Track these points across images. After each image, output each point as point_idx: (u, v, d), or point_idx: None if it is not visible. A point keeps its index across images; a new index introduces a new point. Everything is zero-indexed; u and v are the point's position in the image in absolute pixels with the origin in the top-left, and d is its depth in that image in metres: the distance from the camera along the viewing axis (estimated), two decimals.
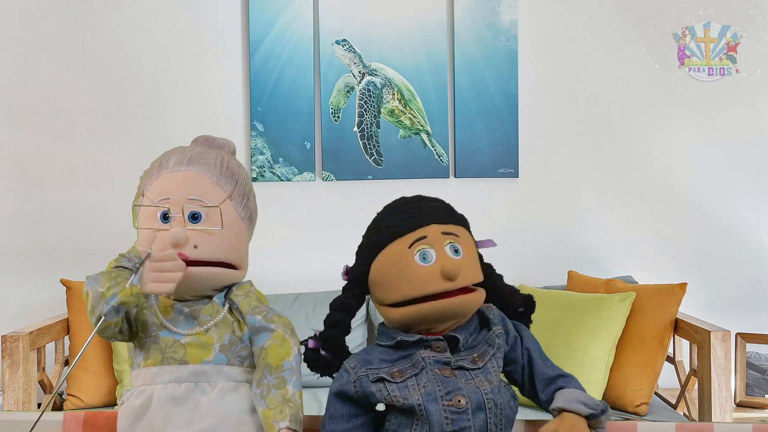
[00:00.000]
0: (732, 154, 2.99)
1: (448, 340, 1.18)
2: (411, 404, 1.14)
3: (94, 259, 2.85)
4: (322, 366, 1.29)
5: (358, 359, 1.23)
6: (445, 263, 1.16)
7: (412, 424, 1.15)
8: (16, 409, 2.20)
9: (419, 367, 1.17)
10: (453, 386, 1.14)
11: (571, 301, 2.44)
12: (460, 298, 1.16)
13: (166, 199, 1.21)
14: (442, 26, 2.94)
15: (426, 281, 1.15)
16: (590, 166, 3.00)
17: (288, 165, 2.93)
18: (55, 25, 2.91)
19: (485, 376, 1.17)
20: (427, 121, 2.94)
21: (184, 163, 1.24)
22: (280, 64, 2.92)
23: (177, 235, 1.17)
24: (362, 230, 1.29)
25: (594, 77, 2.99)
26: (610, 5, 2.98)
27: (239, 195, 1.27)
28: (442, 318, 1.17)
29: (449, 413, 1.13)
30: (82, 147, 2.92)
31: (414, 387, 1.15)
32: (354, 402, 1.20)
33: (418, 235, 1.19)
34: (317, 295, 2.77)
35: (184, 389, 1.20)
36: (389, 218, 1.25)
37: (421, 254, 1.17)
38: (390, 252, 1.20)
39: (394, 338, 1.20)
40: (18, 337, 2.24)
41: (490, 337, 1.21)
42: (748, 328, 2.83)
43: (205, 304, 1.24)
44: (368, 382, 1.18)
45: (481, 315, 1.24)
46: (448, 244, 1.19)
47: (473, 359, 1.18)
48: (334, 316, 1.28)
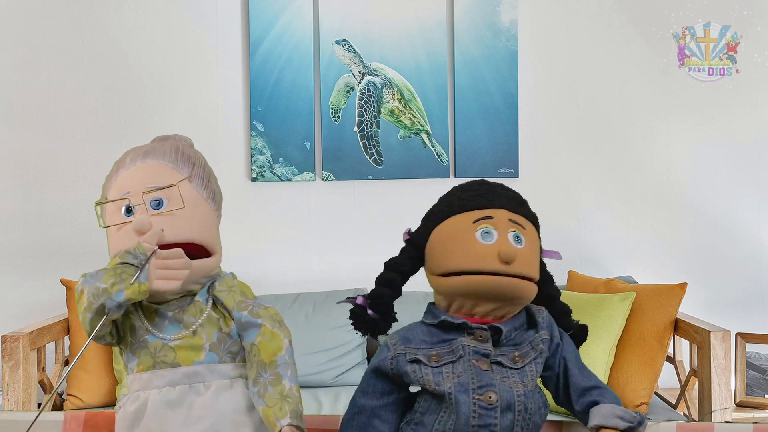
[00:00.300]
0: (732, 154, 2.99)
1: (492, 330, 1.17)
2: (442, 391, 1.13)
3: (94, 259, 2.84)
4: (368, 325, 1.26)
5: (400, 336, 1.22)
6: (504, 246, 1.14)
7: (440, 410, 1.15)
8: (16, 409, 2.20)
9: (457, 355, 1.16)
10: (487, 381, 1.14)
11: (571, 301, 2.40)
12: (511, 280, 1.14)
13: (126, 193, 1.21)
14: (442, 26, 2.94)
15: (481, 258, 1.14)
16: (590, 166, 3.00)
17: (288, 165, 2.93)
18: (55, 25, 2.91)
19: (521, 377, 1.16)
20: (427, 121, 2.94)
21: (139, 158, 1.25)
22: (280, 64, 2.92)
23: (140, 223, 1.16)
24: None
25: (594, 77, 2.99)
26: (610, 5, 2.98)
27: (198, 176, 1.26)
28: (488, 295, 1.15)
29: (477, 407, 1.12)
30: (82, 147, 2.92)
31: (448, 374, 1.15)
32: (388, 379, 1.20)
33: (485, 214, 1.18)
34: (317, 295, 2.77)
35: (178, 392, 1.19)
36: (463, 192, 1.24)
37: (483, 232, 1.16)
38: (453, 222, 1.20)
39: (438, 317, 1.19)
40: (18, 337, 2.24)
41: (535, 341, 1.20)
42: (748, 328, 2.83)
43: (188, 305, 1.23)
44: (404, 362, 1.17)
45: (531, 315, 1.23)
46: (512, 231, 1.17)
47: (513, 358, 1.17)
48: (386, 275, 1.26)
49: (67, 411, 1.38)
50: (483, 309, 1.17)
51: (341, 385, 2.64)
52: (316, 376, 2.60)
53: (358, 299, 1.26)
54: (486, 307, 1.17)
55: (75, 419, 1.35)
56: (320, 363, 2.62)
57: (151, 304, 1.23)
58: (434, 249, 1.21)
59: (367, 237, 2.96)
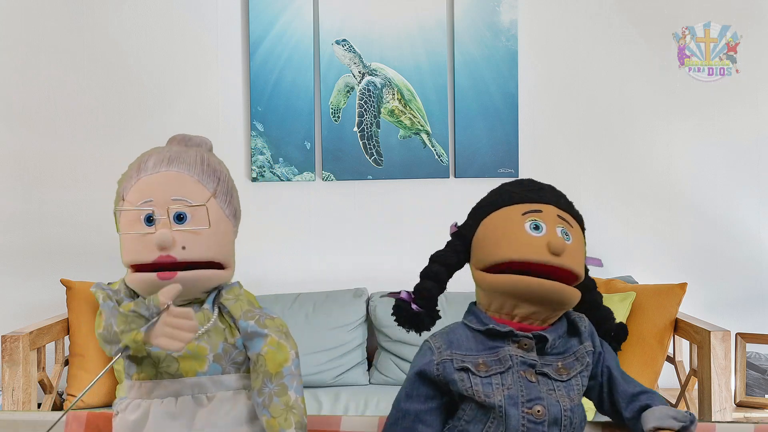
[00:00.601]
0: (732, 154, 2.99)
1: (537, 339, 1.16)
2: (492, 404, 1.12)
3: (94, 259, 2.86)
4: (411, 319, 1.24)
5: (444, 339, 1.20)
6: (553, 238, 1.14)
7: (487, 420, 1.14)
8: (16, 409, 2.20)
9: (506, 366, 1.15)
10: (535, 394, 1.13)
11: None
12: (558, 285, 1.13)
13: (148, 201, 1.18)
14: (442, 26, 2.94)
15: (531, 248, 1.14)
16: (590, 166, 3.00)
17: (288, 165, 2.93)
18: (55, 25, 2.91)
19: (567, 391, 1.15)
20: (427, 121, 2.94)
21: (164, 164, 1.21)
22: (280, 64, 2.92)
23: (163, 237, 1.14)
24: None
25: (594, 77, 2.99)
26: (610, 5, 2.98)
27: (223, 192, 1.24)
28: (532, 297, 1.14)
29: (527, 421, 1.12)
30: (82, 147, 2.92)
31: (498, 386, 1.14)
32: (433, 384, 1.18)
33: (535, 207, 1.19)
34: (317, 295, 2.77)
35: (180, 403, 1.18)
36: (512, 186, 1.25)
37: (532, 223, 1.16)
38: (503, 213, 1.20)
39: (486, 324, 1.18)
40: (18, 337, 2.24)
41: (579, 352, 1.19)
42: (748, 328, 2.83)
43: (196, 312, 1.21)
44: (452, 369, 1.16)
45: (572, 323, 1.22)
46: (560, 227, 1.17)
47: (558, 369, 1.16)
48: (431, 268, 1.25)
49: (68, 411, 1.37)
50: (524, 311, 1.16)
51: (341, 385, 2.64)
52: (316, 376, 2.61)
53: (402, 294, 1.23)
54: (527, 309, 1.16)
55: (77, 420, 1.35)
56: (320, 363, 2.62)
57: None
58: (483, 239, 1.21)
59: (367, 237, 2.96)
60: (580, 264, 1.18)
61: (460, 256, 1.25)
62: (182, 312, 1.11)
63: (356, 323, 2.72)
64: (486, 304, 1.21)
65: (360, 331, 2.73)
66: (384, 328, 2.71)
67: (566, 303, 1.17)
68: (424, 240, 3.00)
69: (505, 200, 1.21)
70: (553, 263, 1.13)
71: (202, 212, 1.18)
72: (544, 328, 1.17)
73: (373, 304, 2.75)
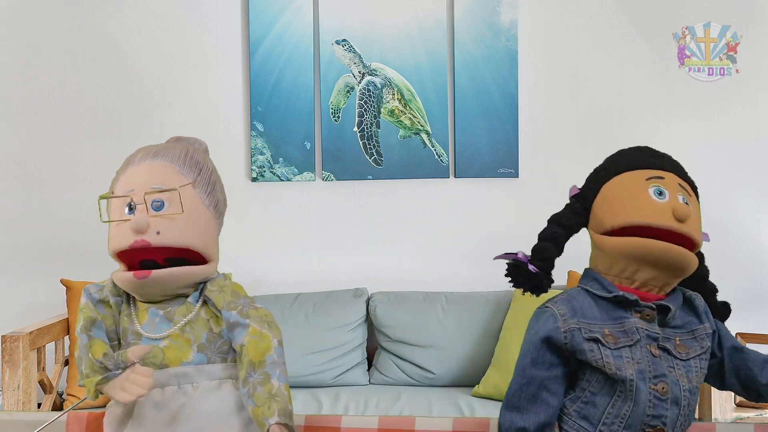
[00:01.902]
0: (732, 154, 2.99)
1: (658, 309, 1.16)
2: (623, 377, 1.12)
3: (94, 259, 2.85)
4: (527, 280, 1.24)
5: (567, 306, 1.19)
6: (677, 204, 1.16)
7: (614, 393, 1.14)
8: (16, 409, 2.20)
9: (633, 339, 1.14)
10: (660, 371, 1.13)
11: None
12: (682, 250, 1.14)
13: (130, 191, 1.22)
14: (442, 26, 2.94)
15: (655, 213, 1.15)
16: (590, 166, 2.96)
17: (288, 165, 2.93)
18: (55, 25, 2.91)
19: (686, 372, 1.16)
20: (427, 121, 2.94)
21: (149, 156, 1.25)
22: (280, 64, 2.92)
23: (139, 222, 1.17)
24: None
25: (594, 77, 2.99)
26: (610, 5, 2.98)
27: (203, 183, 1.26)
28: (659, 261, 1.14)
29: (653, 397, 1.12)
30: (82, 147, 2.92)
31: (629, 360, 1.13)
32: (559, 351, 1.17)
33: (658, 174, 1.19)
34: (317, 295, 2.77)
35: (166, 393, 1.20)
36: (633, 152, 1.26)
37: (656, 189, 1.17)
38: (625, 177, 1.21)
39: (612, 292, 1.17)
40: (18, 337, 2.24)
41: (699, 332, 1.20)
42: (748, 328, 2.83)
43: (180, 305, 1.24)
44: (581, 338, 1.15)
45: (687, 300, 1.22)
46: (681, 194, 1.18)
47: (677, 345, 1.16)
48: (550, 229, 1.26)
49: (69, 411, 1.38)
50: (645, 275, 1.16)
51: (341, 385, 2.64)
52: (316, 376, 2.60)
53: (519, 254, 1.24)
54: (648, 274, 1.16)
55: (78, 420, 1.35)
56: (320, 363, 2.62)
57: (143, 303, 1.24)
58: (605, 202, 1.22)
59: (367, 237, 2.96)
60: (699, 232, 1.21)
61: (579, 218, 1.26)
62: (144, 371, 1.15)
63: (356, 323, 2.72)
64: (605, 268, 1.20)
65: (360, 331, 2.73)
66: (384, 328, 2.71)
67: (688, 268, 1.18)
68: (424, 240, 3.02)
69: (628, 165, 1.22)
70: (678, 229, 1.14)
71: (177, 199, 1.20)
72: (662, 298, 1.18)
73: (373, 304, 2.75)
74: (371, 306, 2.75)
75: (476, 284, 2.90)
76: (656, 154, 1.24)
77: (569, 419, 1.18)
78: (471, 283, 2.92)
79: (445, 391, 2.58)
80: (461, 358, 2.65)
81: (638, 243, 1.14)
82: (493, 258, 1.39)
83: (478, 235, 2.97)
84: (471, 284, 2.91)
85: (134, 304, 1.25)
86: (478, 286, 2.89)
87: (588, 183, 1.28)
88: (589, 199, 1.25)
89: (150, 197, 1.20)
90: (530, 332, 1.20)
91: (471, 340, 2.66)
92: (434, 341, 2.66)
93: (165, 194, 1.20)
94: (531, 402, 1.16)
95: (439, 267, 2.95)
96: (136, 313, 1.24)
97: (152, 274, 1.18)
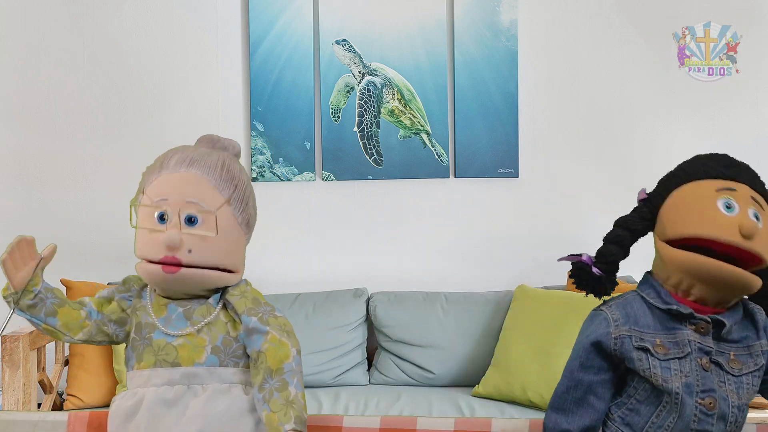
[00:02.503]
0: (732, 154, 2.96)
1: (713, 323, 1.14)
2: (669, 389, 1.11)
3: (94, 259, 2.85)
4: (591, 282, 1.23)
5: (621, 311, 1.18)
6: (745, 220, 1.12)
7: (659, 404, 1.13)
8: (16, 409, 2.20)
9: (684, 351, 1.13)
10: (709, 385, 1.12)
11: (571, 301, 2.44)
12: (739, 272, 1.11)
13: (164, 199, 1.21)
14: (442, 26, 2.94)
15: (721, 228, 1.12)
16: (590, 166, 3.00)
17: (288, 165, 2.93)
18: (55, 25, 2.91)
19: (737, 388, 1.14)
20: (427, 121, 2.94)
21: (185, 164, 1.24)
22: (280, 64, 2.92)
23: (171, 238, 1.18)
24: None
25: (594, 77, 2.99)
26: (610, 5, 2.98)
27: (238, 200, 1.26)
28: (713, 281, 1.12)
29: (699, 412, 1.11)
30: (82, 147, 2.92)
31: (677, 372, 1.12)
32: (608, 356, 1.16)
33: (729, 185, 1.17)
34: (317, 295, 2.77)
35: (175, 392, 1.21)
36: (708, 160, 1.23)
37: (725, 202, 1.14)
38: (696, 186, 1.18)
39: (668, 304, 1.16)
40: (18, 337, 2.24)
41: (755, 349, 1.17)
42: None
43: (200, 305, 1.24)
44: (630, 346, 1.14)
45: (749, 313, 1.20)
46: (752, 209, 1.15)
47: (730, 360, 1.14)
48: (615, 232, 1.25)
49: (70, 411, 1.38)
50: (699, 292, 1.15)
51: (341, 385, 2.64)
52: (316, 376, 2.60)
53: (584, 257, 1.23)
54: (703, 291, 1.14)
55: (79, 420, 1.35)
56: (320, 363, 2.62)
57: (162, 298, 1.25)
58: (672, 209, 1.19)
59: (367, 237, 2.96)
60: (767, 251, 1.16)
61: (645, 222, 1.24)
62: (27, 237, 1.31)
63: (356, 323, 2.72)
64: (664, 278, 1.19)
65: (360, 331, 2.73)
66: (384, 328, 2.71)
67: (746, 290, 1.15)
68: (424, 240, 3.02)
69: (699, 173, 1.20)
70: (743, 246, 1.11)
71: (212, 218, 1.20)
72: (719, 312, 1.16)
73: (373, 304, 2.75)
74: (371, 306, 2.75)
75: (476, 284, 2.90)
76: (732, 164, 1.22)
77: (613, 424, 1.17)
78: (471, 283, 2.92)
79: (445, 391, 2.57)
80: (461, 358, 2.65)
81: (694, 259, 1.12)
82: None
83: (478, 235, 2.97)
84: (471, 284, 2.91)
85: (151, 297, 1.26)
86: (478, 286, 2.89)
87: (658, 187, 1.25)
88: (656, 203, 1.23)
89: (184, 212, 1.20)
90: (582, 335, 1.20)
91: (471, 340, 2.66)
92: (434, 341, 2.66)
93: (200, 212, 1.21)
94: (577, 405, 1.16)
95: (439, 267, 2.95)
96: (152, 305, 1.25)
97: (180, 270, 1.18)
